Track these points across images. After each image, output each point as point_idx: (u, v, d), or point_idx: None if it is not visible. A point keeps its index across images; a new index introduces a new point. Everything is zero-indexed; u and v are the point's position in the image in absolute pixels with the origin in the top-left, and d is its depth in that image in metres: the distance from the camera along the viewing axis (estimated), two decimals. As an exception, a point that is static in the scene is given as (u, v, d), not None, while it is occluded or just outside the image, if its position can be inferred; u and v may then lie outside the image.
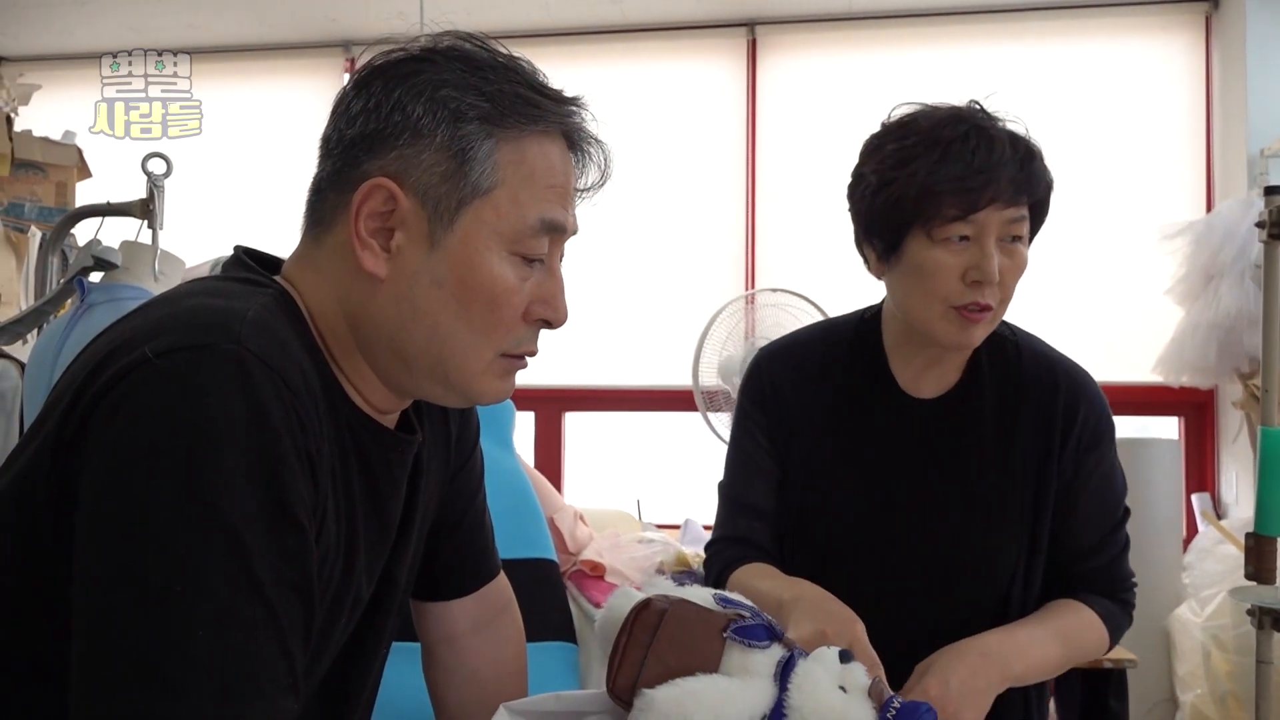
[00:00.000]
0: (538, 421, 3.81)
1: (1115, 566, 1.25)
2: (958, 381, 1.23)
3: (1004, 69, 3.61)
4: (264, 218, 3.94)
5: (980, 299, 1.13)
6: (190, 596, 0.62)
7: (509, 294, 0.81)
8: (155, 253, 1.83)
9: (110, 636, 0.62)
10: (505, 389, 0.86)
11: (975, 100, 1.20)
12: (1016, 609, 1.21)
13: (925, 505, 1.21)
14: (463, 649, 1.08)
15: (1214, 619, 2.70)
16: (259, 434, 0.67)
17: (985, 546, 1.20)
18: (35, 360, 1.79)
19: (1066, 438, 1.21)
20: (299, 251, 0.86)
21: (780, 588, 1.12)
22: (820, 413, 1.25)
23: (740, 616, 0.94)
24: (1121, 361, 3.39)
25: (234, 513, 0.64)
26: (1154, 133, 3.53)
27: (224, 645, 0.62)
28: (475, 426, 1.06)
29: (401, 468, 0.90)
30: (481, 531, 1.08)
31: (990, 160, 1.11)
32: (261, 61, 4.18)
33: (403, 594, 0.97)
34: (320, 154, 0.85)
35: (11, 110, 2.89)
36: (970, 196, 1.11)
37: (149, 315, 0.75)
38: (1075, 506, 1.22)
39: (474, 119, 0.79)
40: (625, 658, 0.90)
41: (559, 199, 0.83)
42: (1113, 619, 1.23)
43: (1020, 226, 1.14)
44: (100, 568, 0.64)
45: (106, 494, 0.65)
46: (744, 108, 3.78)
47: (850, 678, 0.92)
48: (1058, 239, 3.50)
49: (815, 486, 1.24)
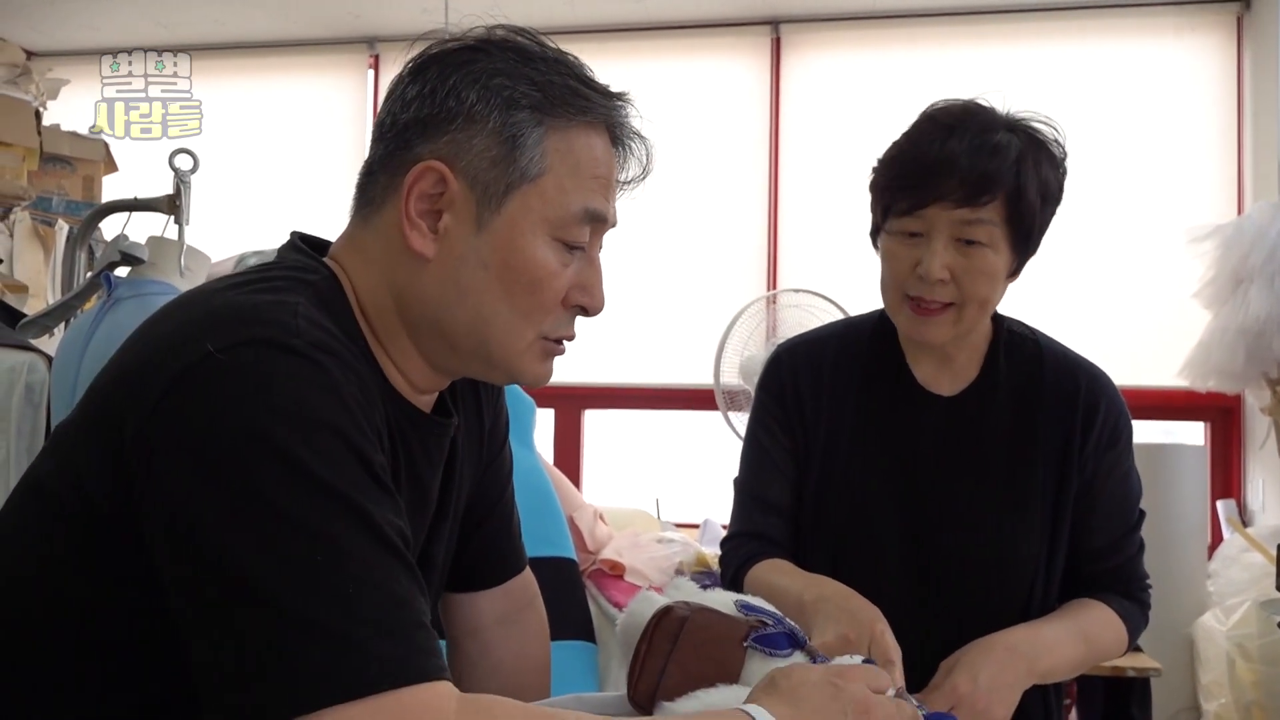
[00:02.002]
0: (557, 419, 3.81)
1: (1132, 566, 1.25)
2: (975, 378, 1.24)
3: (1031, 69, 3.58)
4: (288, 213, 3.97)
5: (926, 294, 1.13)
6: (334, 560, 0.65)
7: (550, 278, 0.84)
8: (181, 248, 1.84)
9: (268, 614, 0.64)
10: (545, 371, 0.89)
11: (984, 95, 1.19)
12: (1039, 606, 1.21)
13: (944, 500, 1.21)
14: (487, 642, 1.09)
15: (1239, 627, 2.66)
16: (337, 411, 0.70)
17: (1007, 541, 1.20)
18: (62, 354, 1.80)
19: (1087, 435, 1.21)
20: (347, 233, 0.88)
21: (801, 586, 1.11)
22: (838, 408, 1.25)
23: (762, 624, 0.94)
24: (1147, 365, 3.36)
25: (339, 481, 0.67)
26: (1184, 134, 3.49)
27: (378, 593, 0.66)
28: (505, 421, 1.08)
29: (439, 450, 0.93)
30: (510, 525, 1.10)
31: (941, 159, 1.10)
32: (286, 58, 4.20)
33: (440, 576, 0.99)
34: (374, 138, 0.88)
35: (40, 105, 2.92)
36: (915, 194, 1.12)
37: (190, 312, 0.76)
38: (1094, 505, 1.22)
39: (525, 107, 0.81)
40: (645, 665, 0.90)
41: (602, 190, 0.86)
42: (1131, 618, 1.23)
43: (977, 230, 1.12)
44: (232, 557, 0.65)
45: (207, 492, 0.66)
46: (767, 106, 3.77)
47: None
48: (1084, 241, 3.50)
49: (833, 481, 1.24)
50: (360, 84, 4.15)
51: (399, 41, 4.18)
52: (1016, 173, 1.11)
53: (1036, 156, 1.14)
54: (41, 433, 1.89)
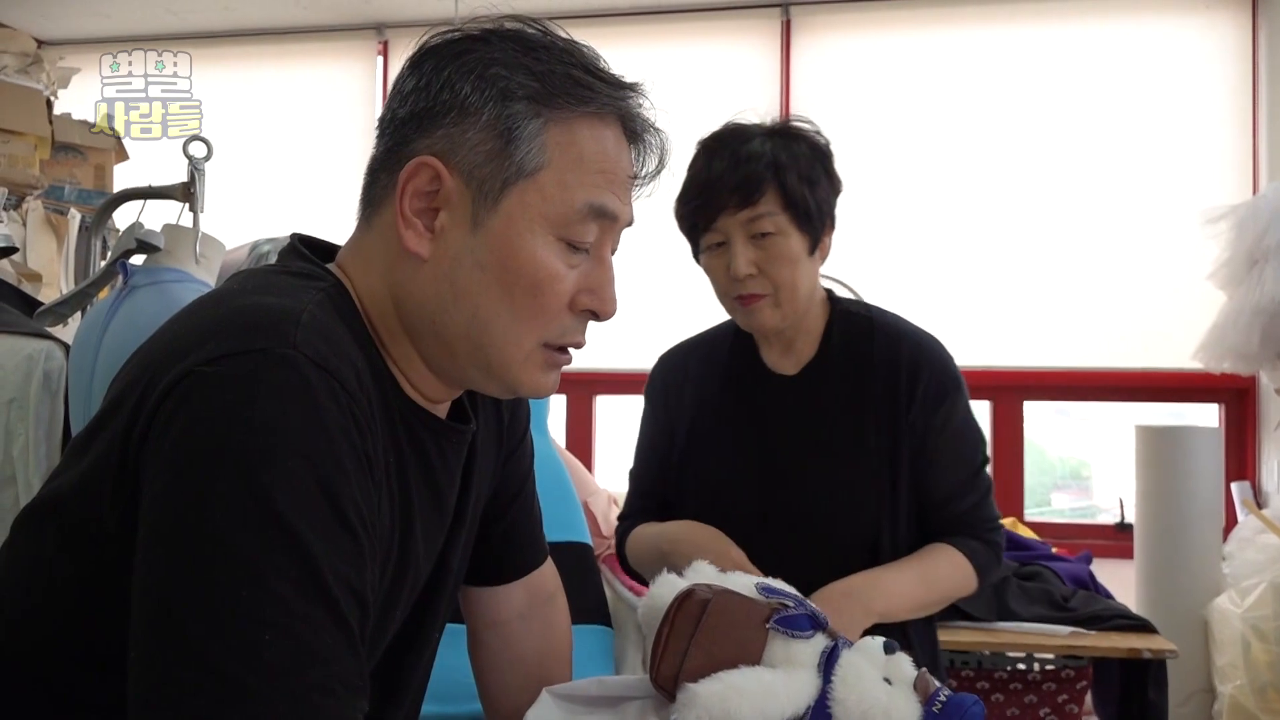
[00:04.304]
0: (569, 404, 3.82)
1: (979, 510, 1.37)
2: (813, 357, 1.38)
3: (1044, 50, 3.55)
4: (296, 200, 3.97)
5: (744, 290, 1.30)
6: (256, 599, 0.61)
7: (552, 280, 0.79)
8: (196, 236, 1.83)
9: (174, 640, 0.61)
10: (548, 382, 0.84)
11: (737, 115, 1.36)
12: (887, 553, 1.33)
13: (792, 470, 1.35)
14: (510, 634, 1.08)
15: (1255, 609, 2.66)
16: (315, 438, 0.66)
17: (847, 503, 1.33)
18: (79, 342, 1.80)
19: (913, 396, 1.34)
20: (353, 237, 0.85)
21: (657, 536, 1.34)
22: (700, 398, 1.42)
23: (783, 606, 0.94)
24: (1162, 347, 3.34)
25: (294, 515, 0.63)
26: (1199, 114, 3.45)
27: (293, 647, 0.61)
28: (526, 413, 1.06)
29: (457, 457, 0.89)
30: (531, 517, 1.08)
31: (710, 175, 1.29)
32: (294, 44, 4.19)
33: (456, 579, 0.97)
34: (376, 136, 0.84)
35: (51, 94, 2.91)
36: (705, 211, 1.30)
37: (201, 316, 0.75)
38: (931, 460, 1.34)
39: (522, 98, 0.78)
40: (668, 648, 0.90)
41: (610, 185, 0.81)
42: (978, 557, 1.34)
43: (763, 223, 1.28)
44: (163, 573, 0.63)
45: (167, 500, 0.64)
46: (777, 91, 3.74)
47: (895, 669, 0.91)
48: (1099, 222, 3.48)
49: (691, 460, 1.41)
50: (369, 71, 4.14)
51: (408, 28, 4.18)
52: (775, 167, 1.28)
53: (790, 149, 1.30)
54: (60, 420, 1.89)
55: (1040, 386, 3.55)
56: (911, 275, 3.53)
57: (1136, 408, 3.53)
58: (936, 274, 3.54)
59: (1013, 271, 3.50)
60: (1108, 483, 3.88)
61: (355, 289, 0.81)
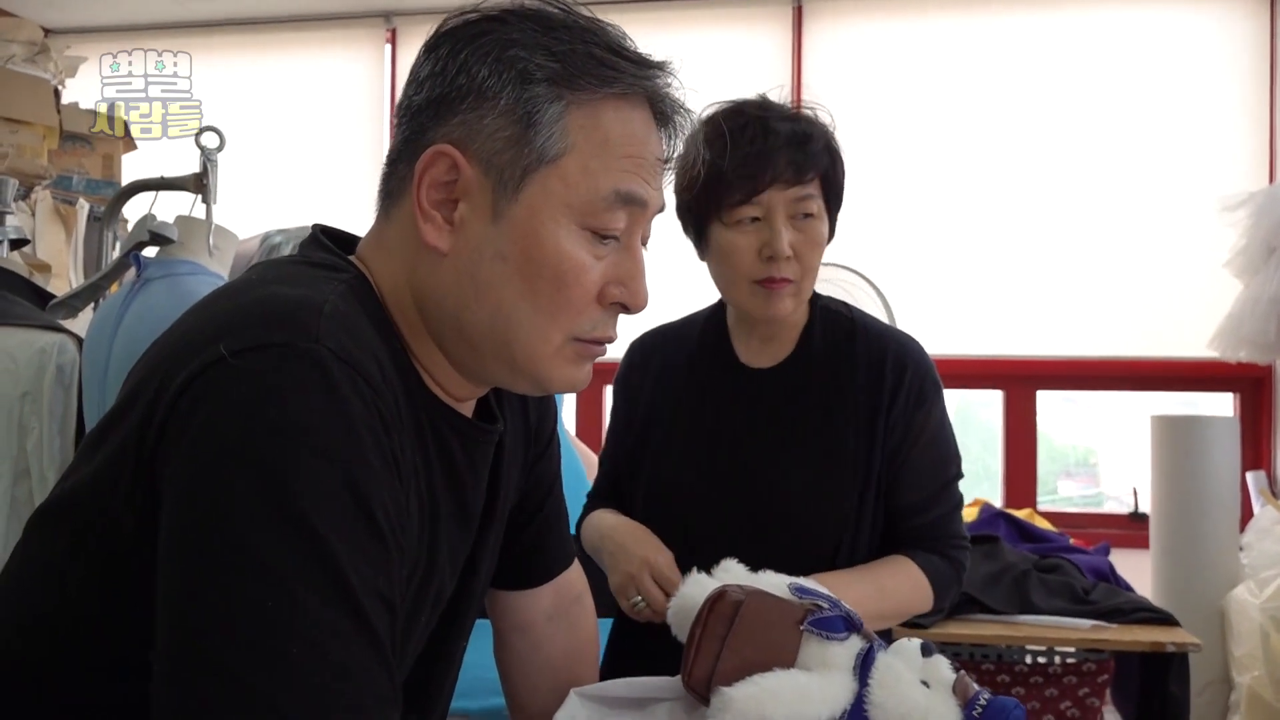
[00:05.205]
0: (579, 394, 3.81)
1: (946, 523, 1.31)
2: (791, 352, 1.33)
3: (1060, 36, 3.51)
4: (305, 190, 3.95)
5: (776, 273, 1.23)
6: (281, 611, 0.58)
7: (578, 271, 0.75)
8: (209, 227, 1.82)
9: (198, 652, 0.59)
10: (578, 376, 0.80)
11: (762, 94, 1.31)
12: (845, 558, 1.27)
13: (760, 458, 1.29)
14: (537, 637, 1.06)
15: (1273, 600, 2.64)
16: (341, 436, 0.63)
17: (816, 500, 1.27)
18: (93, 336, 1.79)
19: (895, 396, 1.29)
20: (373, 229, 0.81)
21: (596, 534, 1.30)
22: (672, 389, 1.37)
23: (817, 607, 0.92)
24: (1177, 336, 3.32)
25: (320, 519, 0.61)
26: (1215, 101, 3.42)
27: (320, 660, 0.59)
28: (554, 414, 1.03)
29: (483, 459, 0.86)
30: (559, 519, 1.06)
31: (766, 145, 1.22)
32: (301, 33, 4.16)
33: (483, 585, 0.95)
34: (395, 126, 0.80)
35: (59, 83, 2.89)
36: (752, 181, 1.22)
37: (219, 306, 0.71)
38: (904, 465, 1.29)
39: (542, 80, 0.73)
40: (701, 650, 0.88)
41: (638, 170, 0.76)
42: (938, 575, 1.28)
43: (809, 204, 1.24)
44: (185, 581, 0.60)
45: (188, 504, 0.62)
46: (789, 79, 3.70)
47: (933, 672, 0.90)
48: (1115, 210, 3.45)
49: (667, 450, 1.34)
50: (378, 59, 4.11)
51: (417, 15, 4.15)
52: (829, 149, 1.27)
53: (826, 134, 1.29)
54: (73, 414, 1.88)
55: (1053, 376, 3.53)
56: (925, 264, 3.50)
57: (1147, 396, 3.51)
58: (949, 263, 3.52)
59: (1027, 260, 3.47)
60: (1116, 471, 3.87)
61: (377, 283, 0.78)
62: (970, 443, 4.25)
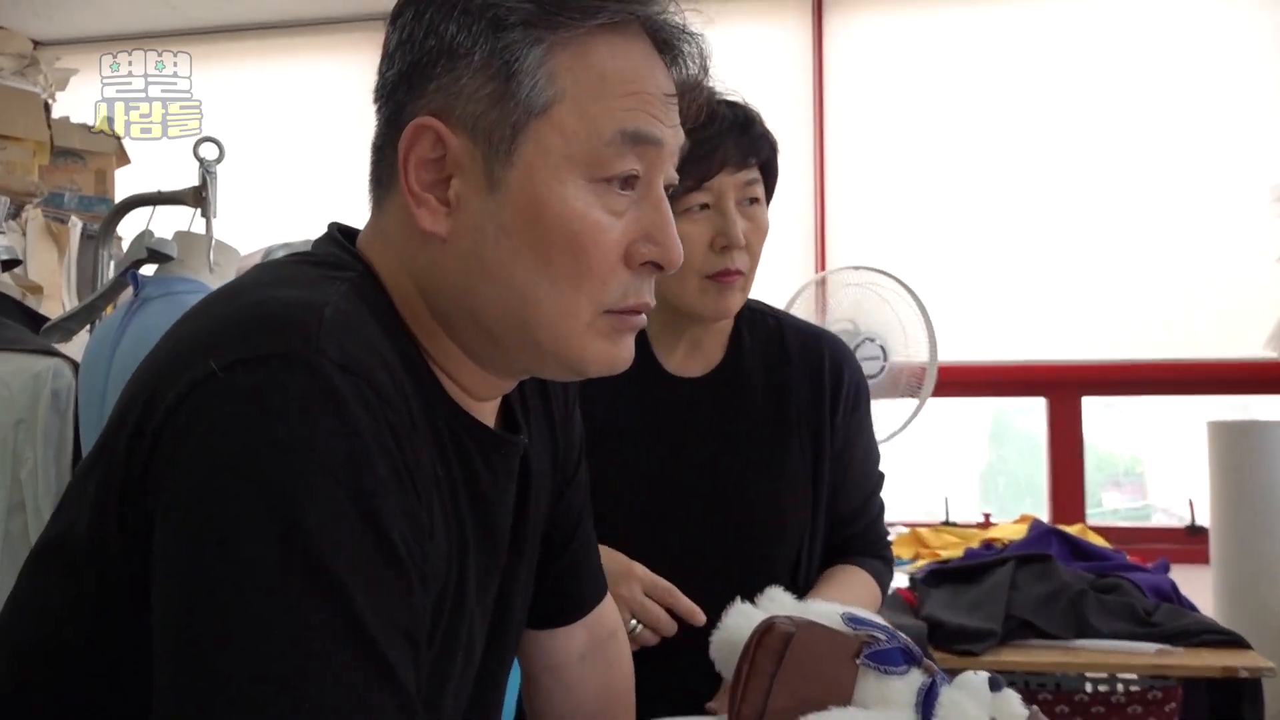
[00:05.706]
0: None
1: (877, 526, 1.33)
2: (722, 358, 1.28)
3: (1097, 23, 3.39)
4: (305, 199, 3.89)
5: (731, 264, 1.18)
6: (293, 660, 0.53)
7: (594, 231, 0.67)
8: (210, 242, 1.76)
9: (199, 696, 0.53)
10: (618, 354, 0.71)
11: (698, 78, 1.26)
12: (805, 572, 1.25)
13: (708, 477, 1.24)
14: (570, 679, 0.97)
15: (1348, 617, 2.49)
16: (350, 454, 0.57)
17: (775, 511, 1.24)
18: (89, 360, 1.74)
19: (836, 401, 1.27)
20: (369, 222, 0.74)
21: None
22: (601, 414, 1.24)
23: (874, 639, 0.87)
24: (1229, 336, 3.20)
25: (332, 553, 0.55)
26: (1263, 88, 3.29)
27: (337, 714, 0.54)
28: (580, 437, 0.95)
29: (508, 472, 0.78)
30: (591, 551, 0.97)
31: (711, 129, 1.17)
32: (296, 38, 4.11)
33: (519, 620, 0.86)
34: (376, 110, 0.74)
35: (49, 96, 2.83)
36: (702, 165, 1.16)
37: (211, 315, 0.65)
38: (846, 469, 1.28)
39: (516, 25, 0.66)
40: (749, 686, 0.83)
41: (644, 106, 0.68)
42: (881, 577, 1.30)
43: (755, 188, 1.21)
44: (184, 618, 0.55)
45: (184, 533, 0.56)
46: (809, 72, 3.61)
47: (1003, 708, 0.84)
48: (1164, 205, 3.33)
49: (612, 476, 1.24)
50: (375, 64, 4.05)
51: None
52: (765, 134, 1.23)
53: (762, 120, 1.24)
54: (69, 441, 1.83)
55: (1098, 381, 3.40)
56: (959, 265, 3.39)
57: (1196, 400, 3.37)
58: (985, 263, 3.40)
59: (1067, 258, 3.35)
60: (1165, 481, 3.73)
61: (381, 279, 0.71)
62: (1008, 454, 4.11)
